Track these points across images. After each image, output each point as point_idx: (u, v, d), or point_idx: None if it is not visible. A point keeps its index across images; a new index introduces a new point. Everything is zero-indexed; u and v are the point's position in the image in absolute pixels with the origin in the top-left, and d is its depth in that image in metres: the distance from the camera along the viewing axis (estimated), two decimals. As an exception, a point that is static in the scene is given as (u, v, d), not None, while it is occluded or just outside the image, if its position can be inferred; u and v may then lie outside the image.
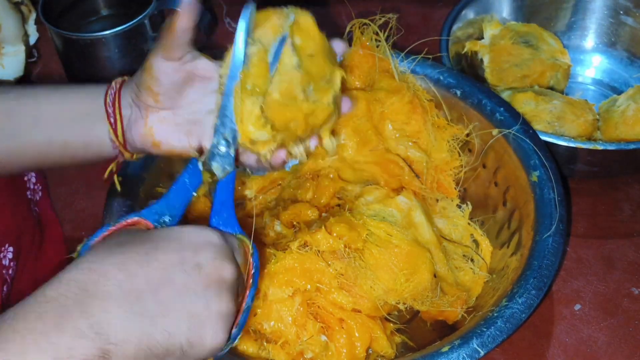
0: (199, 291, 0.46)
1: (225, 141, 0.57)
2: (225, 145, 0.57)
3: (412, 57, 0.78)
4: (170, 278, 0.46)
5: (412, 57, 0.78)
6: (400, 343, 0.68)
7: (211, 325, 0.47)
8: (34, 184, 0.81)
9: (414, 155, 0.76)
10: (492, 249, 0.73)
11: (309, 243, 0.64)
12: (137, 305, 0.44)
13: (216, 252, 0.48)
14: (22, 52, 0.98)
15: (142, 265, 0.46)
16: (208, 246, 0.48)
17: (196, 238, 0.48)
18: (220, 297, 0.47)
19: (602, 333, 0.72)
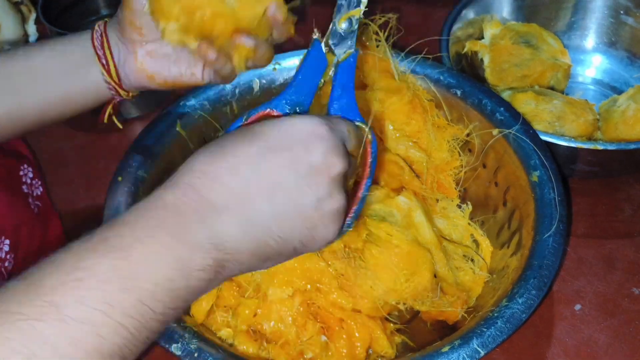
0: (311, 192, 0.46)
1: (348, 21, 0.56)
2: (347, 22, 0.56)
3: (412, 57, 0.78)
4: (282, 181, 0.46)
5: (412, 57, 0.78)
6: (400, 343, 0.68)
7: (323, 224, 0.47)
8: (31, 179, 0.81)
9: (414, 155, 0.76)
10: (492, 249, 0.73)
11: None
12: (252, 213, 0.45)
13: (326, 147, 0.47)
14: (21, 51, 0.98)
15: (254, 169, 0.46)
16: (318, 141, 0.47)
17: (306, 132, 0.47)
18: (332, 194, 0.47)
19: (603, 333, 0.72)
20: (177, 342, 0.58)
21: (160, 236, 0.42)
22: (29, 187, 0.81)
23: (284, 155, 0.46)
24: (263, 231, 0.45)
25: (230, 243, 0.44)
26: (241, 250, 0.44)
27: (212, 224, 0.43)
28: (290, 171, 0.46)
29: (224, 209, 0.44)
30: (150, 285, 0.41)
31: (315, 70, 0.55)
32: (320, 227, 0.47)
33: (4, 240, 0.70)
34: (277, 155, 0.46)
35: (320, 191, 0.47)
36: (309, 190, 0.46)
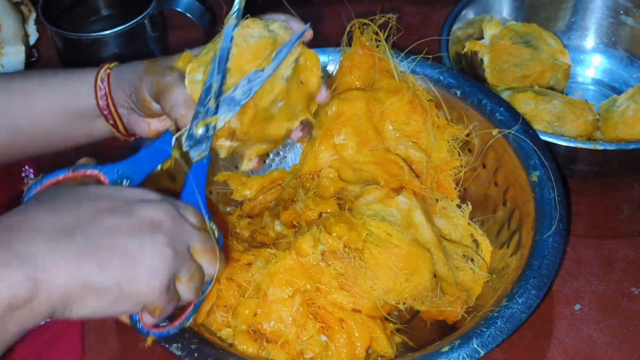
0: (131, 231, 0.46)
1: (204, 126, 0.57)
2: (204, 129, 0.57)
3: (412, 57, 0.78)
4: (98, 219, 0.46)
5: (412, 57, 0.78)
6: (400, 343, 0.68)
7: (145, 264, 0.46)
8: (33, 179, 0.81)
9: (414, 155, 0.76)
10: (492, 249, 0.73)
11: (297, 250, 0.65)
12: (65, 239, 0.44)
13: (154, 204, 0.48)
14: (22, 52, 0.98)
15: (71, 209, 0.46)
16: (143, 201, 0.48)
17: (132, 193, 0.48)
18: (154, 238, 0.46)
19: (602, 333, 0.72)
20: (177, 342, 0.58)
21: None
22: None
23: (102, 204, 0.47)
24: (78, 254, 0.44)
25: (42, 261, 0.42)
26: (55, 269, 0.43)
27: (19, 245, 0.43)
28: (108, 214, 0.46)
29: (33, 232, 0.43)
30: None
31: (157, 157, 0.57)
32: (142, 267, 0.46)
33: None
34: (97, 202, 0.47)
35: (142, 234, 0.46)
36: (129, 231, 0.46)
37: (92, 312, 0.45)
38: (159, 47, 0.97)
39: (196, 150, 0.57)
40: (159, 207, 0.48)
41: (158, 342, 0.58)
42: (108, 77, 0.63)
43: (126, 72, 0.63)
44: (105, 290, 0.45)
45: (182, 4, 0.93)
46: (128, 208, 0.47)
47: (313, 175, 0.77)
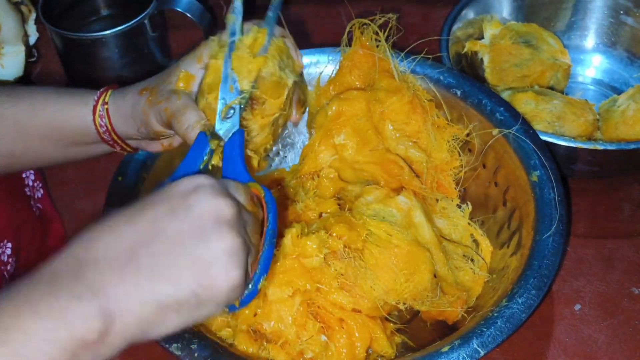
0: (196, 233, 0.44)
1: (231, 109, 0.62)
2: (232, 110, 0.62)
3: (412, 57, 0.78)
4: (160, 228, 0.44)
5: (412, 57, 0.78)
6: (400, 343, 0.68)
7: (219, 263, 0.44)
8: (33, 181, 0.81)
9: (414, 155, 0.76)
10: (492, 249, 0.73)
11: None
12: (131, 262, 0.43)
13: (206, 192, 0.46)
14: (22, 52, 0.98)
15: (130, 224, 0.45)
16: (197, 189, 0.46)
17: (183, 187, 0.47)
18: (221, 233, 0.45)
19: (602, 333, 0.72)
20: (177, 342, 0.58)
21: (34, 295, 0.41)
22: (31, 189, 0.81)
23: (161, 207, 0.45)
24: (148, 277, 0.43)
25: (113, 291, 0.42)
26: (127, 297, 0.42)
27: (88, 276, 0.42)
28: (169, 218, 0.45)
29: (100, 261, 0.43)
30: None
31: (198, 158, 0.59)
32: (217, 267, 0.44)
33: (7, 244, 0.70)
34: (154, 208, 0.45)
35: (207, 231, 0.45)
36: (194, 232, 0.44)
37: (175, 327, 0.45)
38: (159, 47, 0.97)
39: (227, 129, 0.61)
40: (214, 195, 0.46)
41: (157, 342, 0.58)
42: (107, 113, 0.65)
43: (127, 106, 0.64)
44: (183, 304, 0.44)
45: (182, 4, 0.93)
46: (185, 205, 0.45)
47: (313, 175, 0.77)
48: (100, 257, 0.43)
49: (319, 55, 0.81)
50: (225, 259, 0.45)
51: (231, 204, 0.46)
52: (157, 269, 0.43)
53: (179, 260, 0.44)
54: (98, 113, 0.65)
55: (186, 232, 0.44)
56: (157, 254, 0.44)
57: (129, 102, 0.64)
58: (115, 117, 0.65)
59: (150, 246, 0.44)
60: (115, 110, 0.65)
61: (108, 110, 0.65)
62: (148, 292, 0.43)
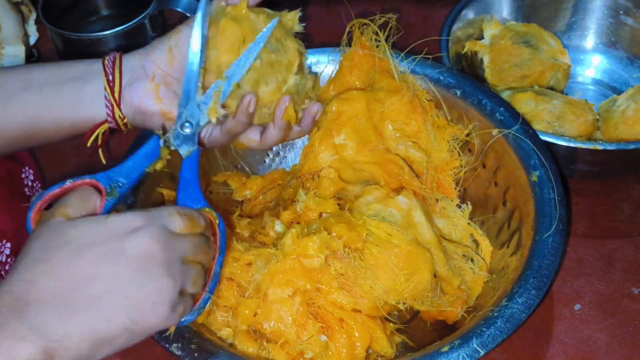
0: (128, 275, 0.49)
1: (188, 123, 0.61)
2: (189, 126, 0.61)
3: (412, 57, 0.78)
4: (97, 272, 0.48)
5: (412, 57, 0.78)
6: (400, 343, 0.68)
7: (149, 302, 0.49)
8: (32, 181, 0.81)
9: (414, 155, 0.76)
10: (492, 249, 0.73)
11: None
12: (70, 303, 0.47)
13: (142, 233, 0.50)
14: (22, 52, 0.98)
15: (69, 267, 0.48)
16: (133, 231, 0.50)
17: (120, 226, 0.50)
18: (151, 274, 0.49)
19: (602, 333, 0.72)
20: (177, 342, 0.58)
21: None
22: (30, 189, 0.80)
23: (97, 250, 0.49)
24: (86, 316, 0.47)
25: (54, 331, 0.46)
26: (67, 335, 0.46)
27: (30, 317, 0.46)
28: (104, 261, 0.49)
29: (41, 301, 0.46)
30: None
31: (146, 160, 0.60)
32: (147, 305, 0.49)
33: (5, 244, 0.70)
34: (91, 251, 0.49)
35: (139, 273, 0.49)
36: (126, 274, 0.49)
37: (108, 355, 0.49)
38: (159, 47, 0.97)
39: (185, 147, 0.61)
40: (146, 236, 0.50)
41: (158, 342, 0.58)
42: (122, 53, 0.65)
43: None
44: (116, 337, 0.49)
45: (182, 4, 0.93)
46: (121, 247, 0.49)
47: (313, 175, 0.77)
48: (41, 298, 0.47)
49: (319, 55, 0.81)
50: (153, 296, 0.49)
51: (162, 241, 0.51)
52: (93, 309, 0.48)
53: (112, 300, 0.48)
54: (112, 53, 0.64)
55: (119, 274, 0.49)
56: (94, 295, 0.48)
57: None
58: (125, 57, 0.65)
59: (87, 289, 0.48)
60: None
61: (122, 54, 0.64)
62: (85, 330, 0.47)
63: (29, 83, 0.62)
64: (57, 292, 0.47)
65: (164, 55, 0.62)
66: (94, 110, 0.63)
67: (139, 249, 0.49)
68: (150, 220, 0.51)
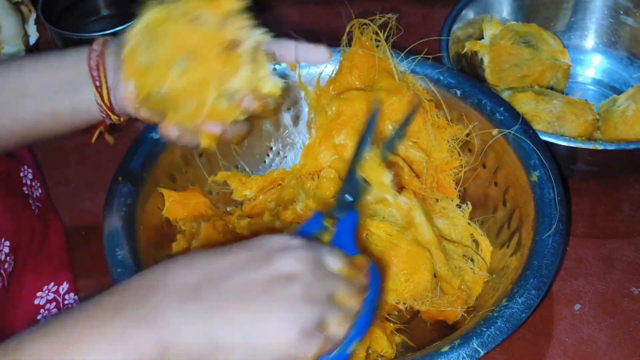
0: (264, 285, 0.45)
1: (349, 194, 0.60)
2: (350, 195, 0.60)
3: (412, 57, 0.78)
4: (234, 274, 0.45)
5: (412, 57, 0.78)
6: (400, 343, 0.68)
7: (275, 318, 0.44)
8: (31, 180, 0.81)
9: (413, 155, 0.76)
10: (492, 249, 0.73)
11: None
12: (195, 296, 0.44)
13: (291, 254, 0.47)
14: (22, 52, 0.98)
15: (208, 262, 0.46)
16: (284, 248, 0.47)
17: (274, 242, 0.47)
18: (287, 290, 0.45)
19: (602, 333, 0.72)
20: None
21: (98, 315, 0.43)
22: (29, 188, 0.81)
23: (243, 254, 0.46)
24: (207, 313, 0.44)
25: (171, 320, 0.43)
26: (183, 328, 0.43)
27: (150, 302, 0.43)
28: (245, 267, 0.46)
29: (165, 288, 0.44)
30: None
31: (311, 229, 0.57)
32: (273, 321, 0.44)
33: (4, 242, 0.70)
34: (237, 253, 0.46)
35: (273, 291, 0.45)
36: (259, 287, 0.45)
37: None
38: (159, 47, 0.97)
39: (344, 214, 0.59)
40: (297, 256, 0.47)
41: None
42: (103, 43, 0.63)
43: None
44: (234, 347, 0.44)
45: (182, 4, 0.93)
46: (266, 259, 0.46)
47: (313, 175, 0.77)
48: (168, 285, 0.44)
49: (319, 55, 0.81)
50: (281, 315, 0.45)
51: (311, 265, 0.47)
52: (216, 308, 0.44)
53: (237, 305, 0.44)
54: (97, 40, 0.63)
55: (253, 284, 0.45)
56: (221, 293, 0.44)
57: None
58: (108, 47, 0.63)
59: (217, 286, 0.45)
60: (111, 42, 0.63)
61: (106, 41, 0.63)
62: (203, 328, 0.43)
63: (25, 90, 0.61)
64: (185, 281, 0.45)
65: None
66: (92, 113, 0.62)
67: (283, 265, 0.46)
68: (306, 245, 0.48)
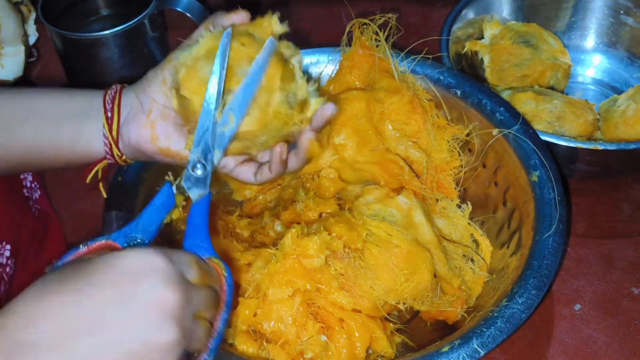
0: (136, 326, 0.44)
1: (201, 164, 0.57)
2: (201, 168, 0.57)
3: (412, 57, 0.78)
4: (103, 318, 0.44)
5: (412, 57, 0.78)
6: (400, 343, 0.68)
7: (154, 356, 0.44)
8: (31, 182, 0.81)
9: (414, 155, 0.76)
10: (492, 249, 0.73)
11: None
12: (68, 351, 0.42)
13: (158, 278, 0.45)
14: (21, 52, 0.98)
15: (76, 307, 0.44)
16: (149, 273, 0.45)
17: (137, 265, 0.46)
18: (161, 328, 0.45)
19: (602, 333, 0.72)
20: (177, 342, 0.58)
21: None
22: (29, 190, 0.80)
23: (108, 291, 0.44)
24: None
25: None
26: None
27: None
28: (114, 307, 0.44)
29: (35, 348, 0.41)
30: None
31: (162, 210, 0.56)
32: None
33: (5, 246, 0.70)
34: (101, 291, 0.44)
35: (148, 324, 0.44)
36: (134, 325, 0.44)
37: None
38: (159, 47, 0.97)
39: (196, 191, 0.57)
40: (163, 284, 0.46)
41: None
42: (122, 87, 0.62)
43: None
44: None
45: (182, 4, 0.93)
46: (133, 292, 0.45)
47: (313, 175, 0.77)
48: (37, 344, 0.42)
49: (319, 55, 0.81)
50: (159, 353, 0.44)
51: (181, 295, 0.46)
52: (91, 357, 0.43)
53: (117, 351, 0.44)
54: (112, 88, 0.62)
55: (127, 324, 0.44)
56: (96, 346, 0.43)
57: None
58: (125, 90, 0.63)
59: (90, 337, 0.43)
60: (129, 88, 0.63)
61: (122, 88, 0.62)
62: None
63: (30, 113, 0.61)
64: (56, 337, 0.42)
65: (159, 87, 0.60)
66: (93, 148, 0.62)
67: (153, 296, 0.45)
68: (168, 263, 0.46)
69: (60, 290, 0.44)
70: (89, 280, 0.45)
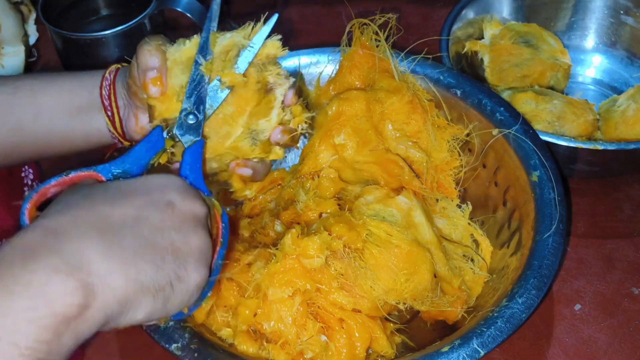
0: (176, 227, 0.46)
1: (193, 114, 0.60)
2: (194, 117, 0.60)
3: (412, 57, 0.78)
4: (145, 216, 0.45)
5: (412, 57, 0.78)
6: (400, 343, 0.68)
7: (193, 259, 0.46)
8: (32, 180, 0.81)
9: (414, 155, 0.76)
10: (492, 249, 0.73)
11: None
12: (117, 240, 0.43)
13: (183, 191, 0.48)
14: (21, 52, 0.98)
15: (114, 207, 0.44)
16: (174, 187, 0.48)
17: (160, 181, 0.48)
18: (197, 232, 0.47)
19: (602, 333, 0.72)
20: (177, 342, 0.58)
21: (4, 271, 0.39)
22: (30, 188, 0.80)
23: (143, 198, 0.46)
24: (133, 255, 0.43)
25: (95, 265, 0.41)
26: (111, 271, 0.41)
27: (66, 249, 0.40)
28: (152, 208, 0.45)
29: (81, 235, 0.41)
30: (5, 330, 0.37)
31: (150, 151, 0.57)
32: (191, 262, 0.46)
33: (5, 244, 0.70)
34: (136, 197, 0.46)
35: (185, 227, 0.46)
36: (174, 225, 0.46)
37: (145, 316, 0.44)
38: (159, 47, 0.97)
39: (188, 137, 0.59)
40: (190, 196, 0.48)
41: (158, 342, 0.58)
42: (116, 72, 0.64)
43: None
44: (160, 290, 0.44)
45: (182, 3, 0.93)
46: (166, 200, 0.47)
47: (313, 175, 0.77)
48: (81, 232, 0.42)
49: (319, 55, 0.81)
50: (198, 256, 0.47)
51: (204, 207, 0.49)
52: (141, 251, 0.43)
53: (161, 248, 0.44)
54: (109, 69, 0.64)
55: (167, 225, 0.46)
56: (142, 237, 0.44)
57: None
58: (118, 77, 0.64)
59: (135, 229, 0.44)
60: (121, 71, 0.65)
61: (117, 70, 0.64)
62: (133, 271, 0.42)
63: (38, 111, 0.62)
64: (101, 227, 0.42)
65: (135, 96, 0.62)
66: (105, 137, 0.64)
67: (185, 205, 0.47)
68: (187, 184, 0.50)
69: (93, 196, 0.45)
70: (119, 191, 0.46)
